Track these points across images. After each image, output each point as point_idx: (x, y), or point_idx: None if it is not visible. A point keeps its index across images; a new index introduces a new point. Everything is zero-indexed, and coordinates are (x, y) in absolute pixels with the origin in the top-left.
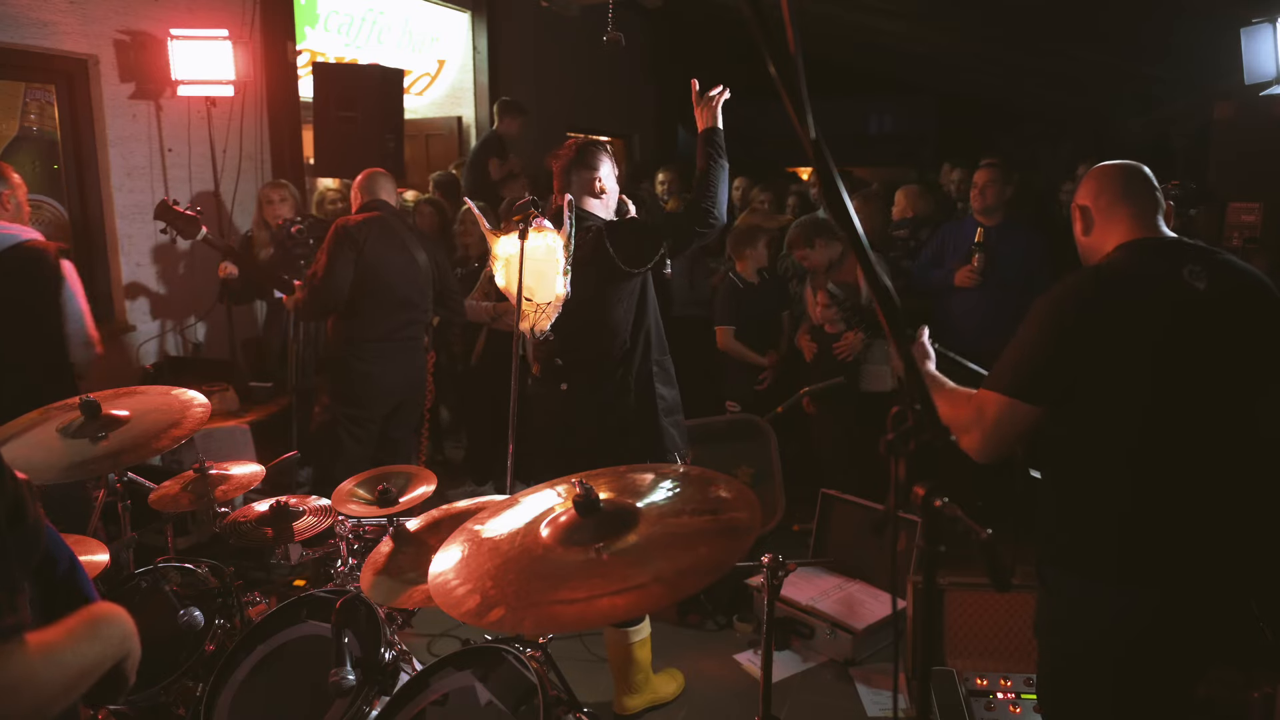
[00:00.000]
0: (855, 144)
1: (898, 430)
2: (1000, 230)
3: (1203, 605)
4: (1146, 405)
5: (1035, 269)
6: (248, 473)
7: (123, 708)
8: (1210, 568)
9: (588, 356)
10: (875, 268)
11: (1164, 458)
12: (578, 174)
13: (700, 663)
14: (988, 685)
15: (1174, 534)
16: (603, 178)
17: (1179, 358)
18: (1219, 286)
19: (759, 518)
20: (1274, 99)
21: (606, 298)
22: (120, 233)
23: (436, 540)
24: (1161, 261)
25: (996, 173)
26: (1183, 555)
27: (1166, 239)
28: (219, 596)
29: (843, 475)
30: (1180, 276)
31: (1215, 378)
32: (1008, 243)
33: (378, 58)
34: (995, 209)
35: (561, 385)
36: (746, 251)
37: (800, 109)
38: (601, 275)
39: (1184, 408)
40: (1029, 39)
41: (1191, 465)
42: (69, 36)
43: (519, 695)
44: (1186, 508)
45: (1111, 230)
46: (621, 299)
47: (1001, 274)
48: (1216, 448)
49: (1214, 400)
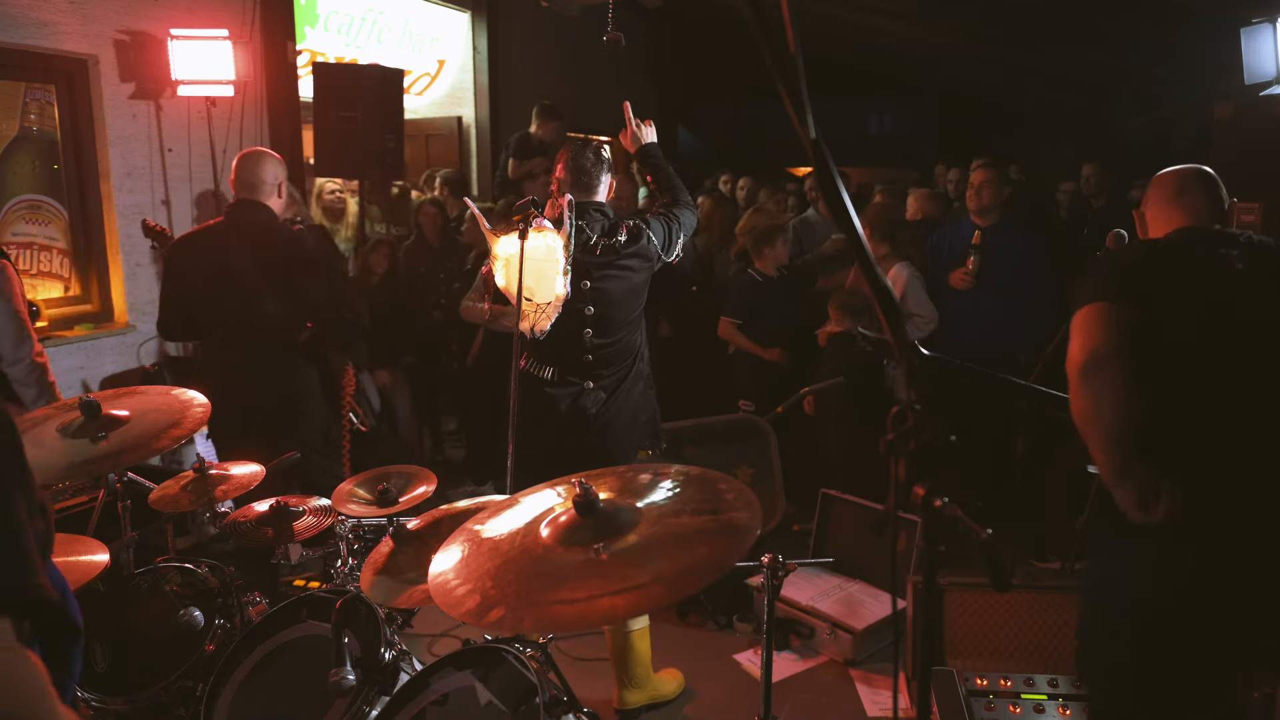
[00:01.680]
0: (855, 144)
1: (898, 430)
2: (996, 230)
3: (1239, 569)
4: (1190, 367)
5: (1032, 269)
6: (248, 473)
7: (123, 707)
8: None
9: (621, 352)
10: (875, 268)
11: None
12: (607, 175)
13: (700, 663)
14: (988, 685)
15: (1209, 491)
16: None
17: (1220, 328)
18: (1257, 267)
19: (759, 518)
20: (1274, 99)
21: (644, 291)
22: (120, 233)
23: (436, 540)
24: (1202, 245)
25: (993, 173)
26: (1218, 513)
27: (1210, 229)
28: (219, 596)
29: (844, 475)
30: (1218, 255)
31: (1256, 349)
32: (1003, 243)
33: (378, 58)
34: (992, 209)
35: (587, 383)
36: (765, 250)
37: (800, 109)
38: (645, 270)
39: (1226, 374)
40: (1029, 39)
41: (1235, 434)
42: (69, 36)
43: (519, 695)
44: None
45: (1163, 230)
46: (646, 291)
47: (997, 275)
48: (1258, 417)
49: (1255, 369)
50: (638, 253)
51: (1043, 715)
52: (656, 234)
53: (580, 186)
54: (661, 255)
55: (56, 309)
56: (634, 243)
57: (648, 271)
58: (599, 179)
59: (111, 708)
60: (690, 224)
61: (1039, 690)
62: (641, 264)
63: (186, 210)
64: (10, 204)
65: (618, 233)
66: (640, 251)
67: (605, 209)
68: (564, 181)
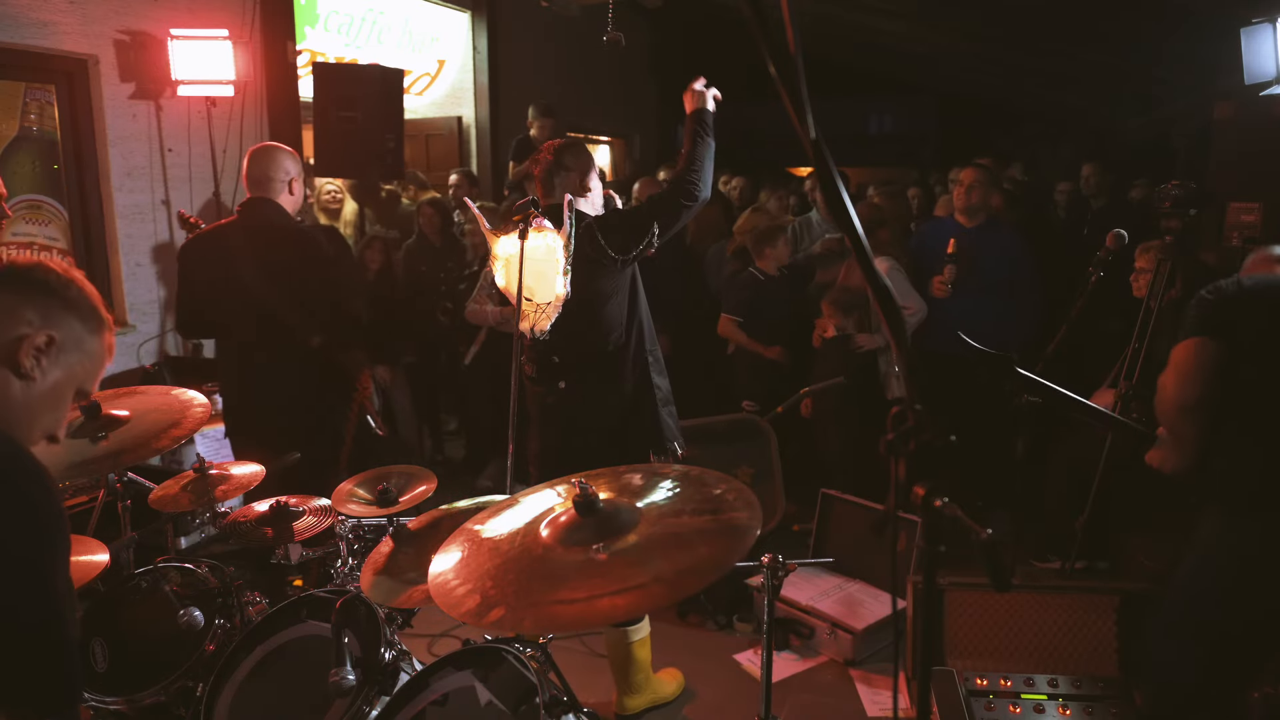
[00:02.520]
0: (855, 144)
1: (898, 430)
2: (981, 232)
3: None
4: None
5: (1019, 271)
6: (248, 473)
7: (123, 707)
8: None
9: (585, 351)
10: (875, 268)
11: None
12: (560, 176)
13: (700, 663)
14: (988, 685)
15: None
16: (585, 176)
17: None
18: None
19: (759, 518)
20: (1274, 99)
21: (602, 292)
22: (120, 233)
23: (436, 540)
24: None
25: (984, 174)
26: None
27: None
28: (219, 596)
29: (844, 475)
30: None
31: None
32: (990, 245)
33: (378, 58)
34: (978, 209)
35: (560, 383)
36: (767, 250)
37: (800, 109)
38: (595, 270)
39: None
40: (1029, 39)
41: None
42: (69, 36)
43: (519, 695)
44: None
45: None
46: (615, 292)
47: (983, 277)
48: None
49: None
50: (587, 257)
51: (1043, 715)
52: (612, 235)
53: (543, 191)
54: (614, 255)
55: None
56: (585, 247)
57: (606, 271)
58: (551, 182)
59: (111, 708)
60: (676, 209)
61: (1039, 690)
62: (592, 268)
63: (186, 210)
64: (10, 204)
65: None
66: (589, 256)
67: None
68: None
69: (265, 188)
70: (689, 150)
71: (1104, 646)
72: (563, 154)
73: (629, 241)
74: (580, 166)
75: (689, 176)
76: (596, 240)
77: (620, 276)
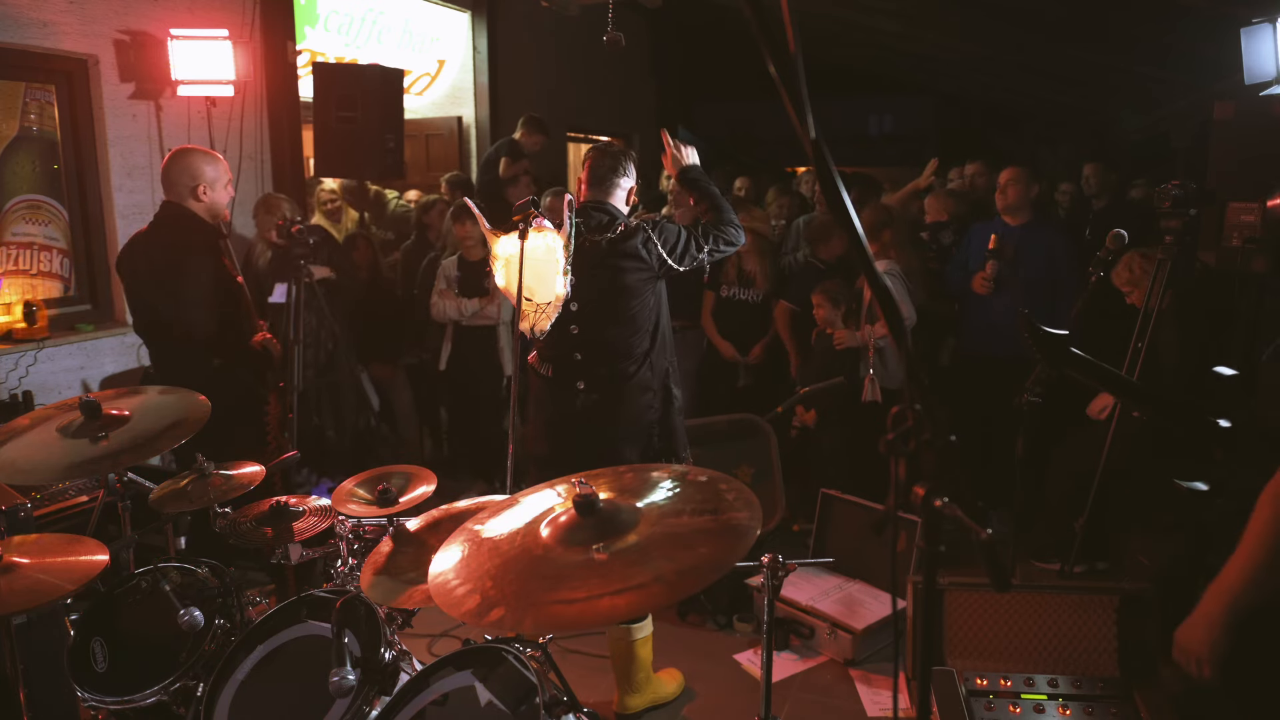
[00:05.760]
0: (855, 144)
1: (898, 430)
2: (1026, 230)
3: None
4: None
5: (1062, 270)
6: (248, 473)
7: (123, 707)
8: None
9: (612, 353)
10: (875, 268)
11: None
12: (625, 178)
13: (700, 663)
14: (988, 685)
15: None
16: (634, 183)
17: None
18: None
19: (759, 518)
20: (1274, 99)
21: (640, 293)
22: (120, 233)
23: (436, 540)
24: None
25: (1020, 173)
26: None
27: None
28: (219, 596)
29: (844, 476)
30: None
31: None
32: (1033, 243)
33: (378, 58)
34: (1019, 208)
35: (579, 383)
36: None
37: (800, 109)
38: (640, 271)
39: None
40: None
41: None
42: (69, 36)
43: (519, 695)
44: None
45: None
46: (650, 295)
47: (1026, 274)
48: None
49: None
50: (628, 251)
51: (1043, 715)
52: (663, 237)
53: (593, 184)
54: (666, 258)
55: (56, 309)
56: (625, 241)
57: (644, 273)
58: (611, 180)
59: (111, 708)
60: (729, 241)
61: (1039, 690)
62: (633, 264)
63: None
64: (10, 204)
65: (609, 230)
66: (630, 250)
67: (608, 207)
68: (584, 181)
69: (169, 192)
70: (707, 205)
71: (1104, 646)
72: (627, 158)
73: (685, 253)
74: (634, 174)
75: (723, 215)
76: (651, 242)
77: (655, 283)
